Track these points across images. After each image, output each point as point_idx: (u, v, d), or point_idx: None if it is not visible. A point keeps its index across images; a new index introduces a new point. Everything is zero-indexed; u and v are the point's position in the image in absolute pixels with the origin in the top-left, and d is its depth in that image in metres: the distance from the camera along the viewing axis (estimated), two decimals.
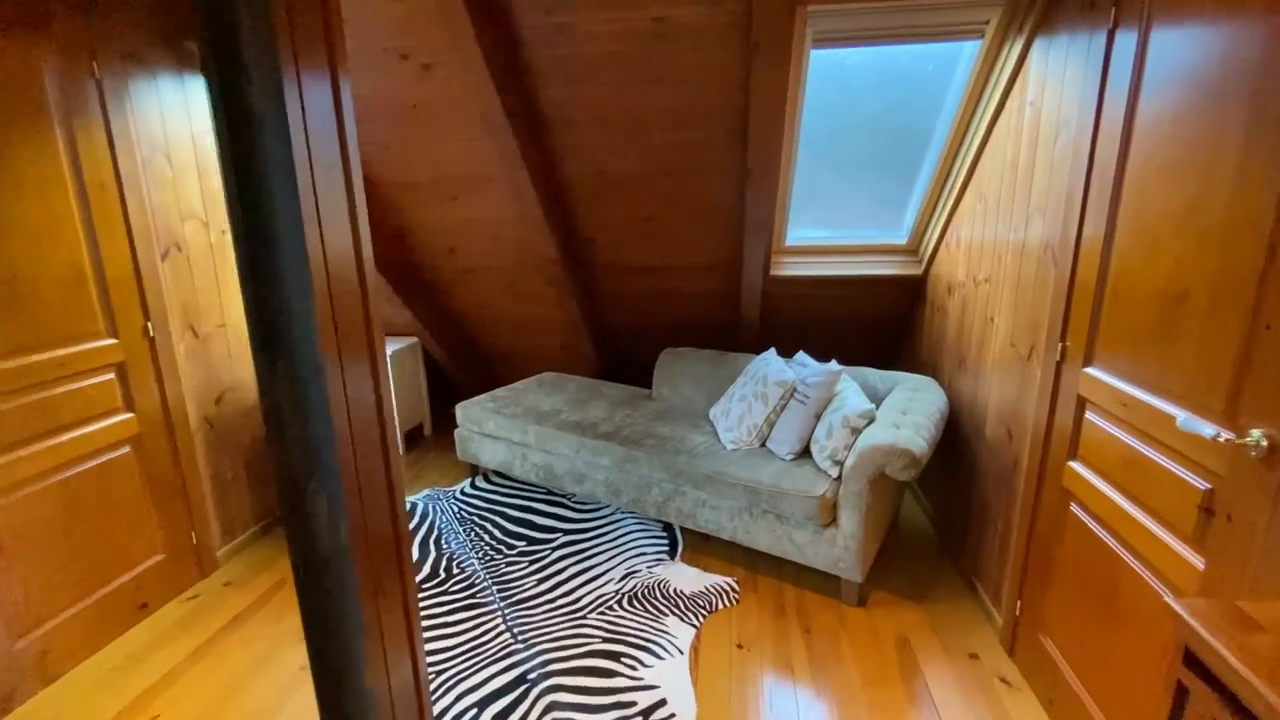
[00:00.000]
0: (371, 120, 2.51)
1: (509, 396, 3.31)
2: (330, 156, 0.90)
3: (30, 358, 1.88)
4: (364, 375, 0.99)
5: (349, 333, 0.95)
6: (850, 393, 2.46)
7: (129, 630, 2.22)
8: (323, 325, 0.88)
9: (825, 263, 3.03)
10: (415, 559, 2.63)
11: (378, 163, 2.72)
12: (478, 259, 3.21)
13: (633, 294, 3.30)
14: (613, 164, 2.56)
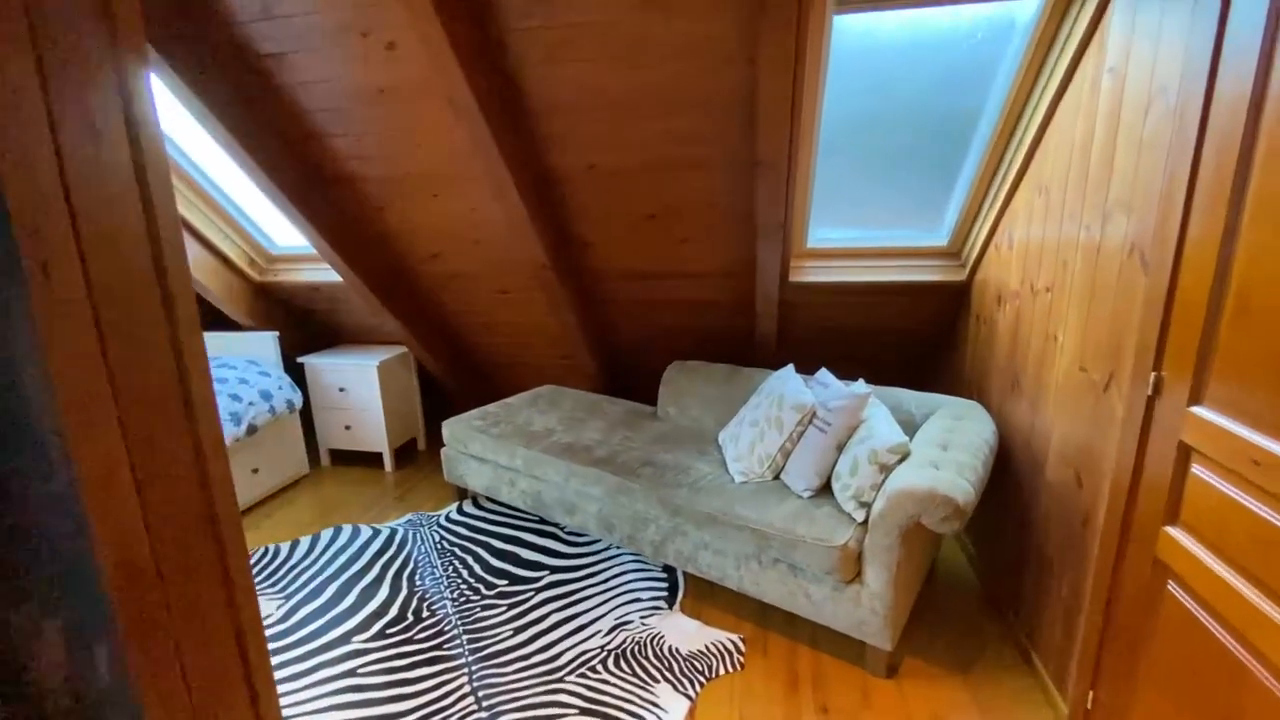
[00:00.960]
0: (339, 108, 2.25)
1: (499, 413, 3.02)
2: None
3: None
4: (175, 436, 0.69)
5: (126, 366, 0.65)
6: (879, 420, 2.10)
7: None
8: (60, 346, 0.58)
9: (852, 268, 2.67)
10: (384, 598, 2.35)
11: (352, 156, 2.46)
12: (464, 263, 2.93)
13: (636, 302, 2.98)
14: (605, 156, 2.25)
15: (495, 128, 2.02)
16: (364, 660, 2.03)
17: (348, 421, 3.52)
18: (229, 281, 3.26)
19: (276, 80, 2.17)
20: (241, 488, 3.04)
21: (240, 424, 2.98)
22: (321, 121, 2.32)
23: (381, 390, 3.40)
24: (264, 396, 3.14)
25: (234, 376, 3.10)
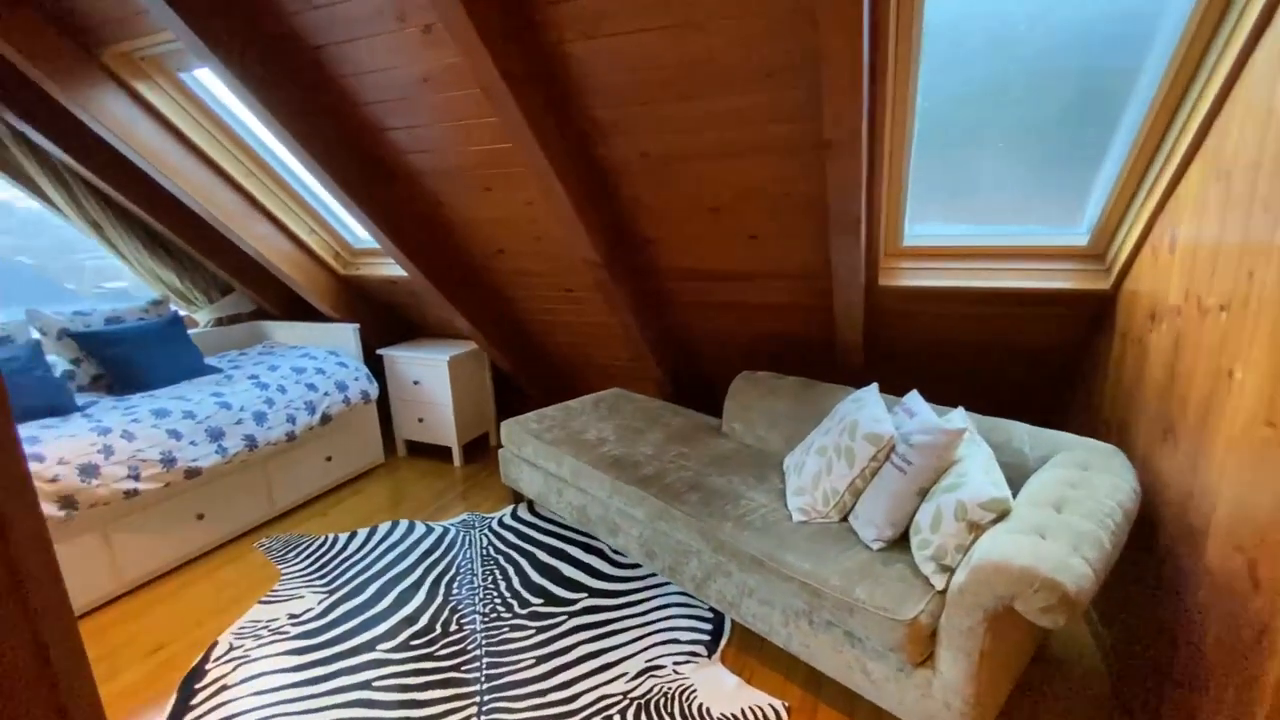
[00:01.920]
0: (391, 100, 2.19)
1: (557, 417, 2.88)
2: None
3: None
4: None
5: None
6: (975, 463, 1.69)
7: None
8: None
9: (961, 270, 2.22)
10: (418, 604, 2.29)
11: (409, 150, 2.41)
12: (527, 260, 2.82)
13: (702, 305, 2.71)
14: (657, 142, 2.00)
15: (531, 115, 1.85)
16: (382, 672, 1.96)
17: (421, 414, 3.56)
18: (314, 274, 3.39)
19: (329, 73, 2.15)
20: (314, 475, 3.15)
21: (314, 413, 3.07)
22: (378, 115, 2.28)
23: (452, 385, 3.40)
24: (339, 387, 3.23)
25: (312, 366, 3.21)
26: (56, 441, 2.24)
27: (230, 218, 2.93)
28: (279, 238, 3.18)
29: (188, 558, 2.63)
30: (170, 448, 2.49)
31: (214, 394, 2.79)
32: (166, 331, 3.05)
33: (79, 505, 2.23)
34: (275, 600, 2.35)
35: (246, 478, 2.84)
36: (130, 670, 2.03)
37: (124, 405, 2.62)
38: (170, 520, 2.55)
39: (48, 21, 2.21)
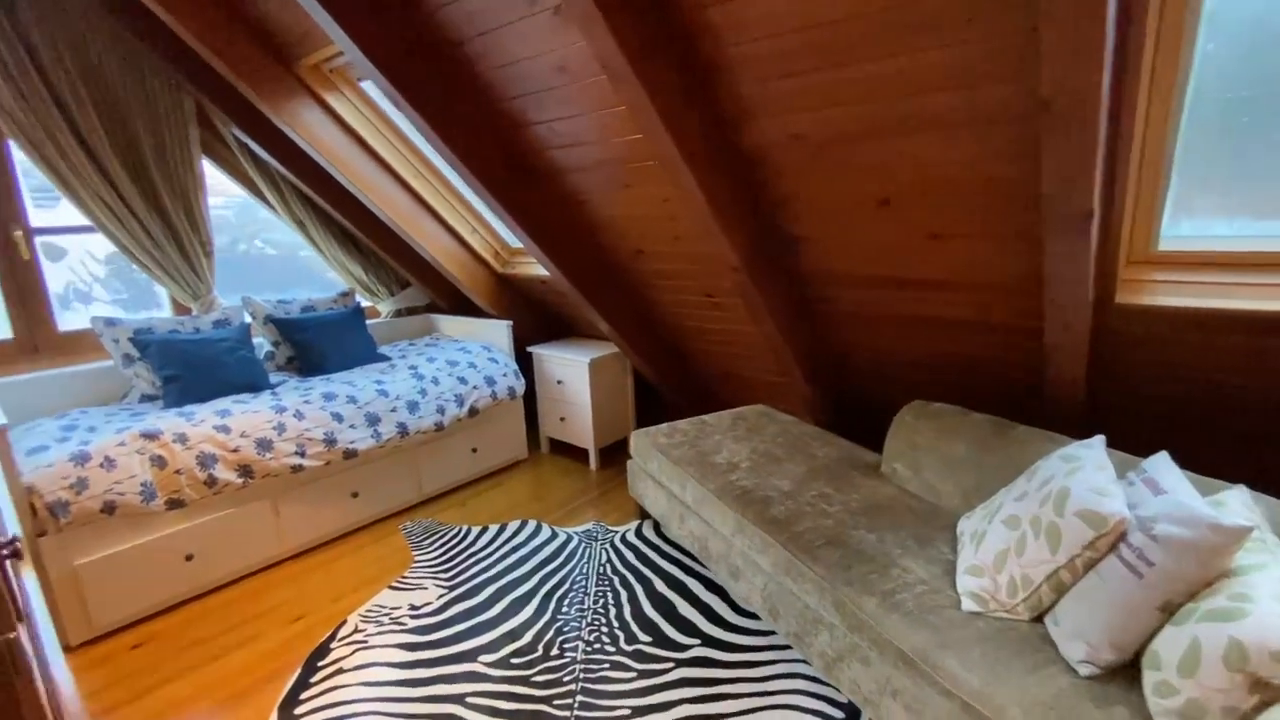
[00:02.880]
0: (530, 93, 2.10)
1: (689, 433, 2.63)
2: None
3: None
4: None
5: None
6: (1267, 583, 1.12)
7: None
8: None
9: (1243, 286, 1.56)
10: (526, 618, 2.20)
11: (550, 146, 2.32)
12: (666, 261, 2.60)
13: (867, 318, 2.28)
14: (813, 120, 1.65)
15: (659, 97, 1.61)
16: (477, 688, 1.88)
17: (562, 413, 3.54)
18: (475, 272, 3.51)
19: (471, 70, 2.12)
20: (460, 465, 3.26)
21: (463, 405, 3.17)
22: (519, 110, 2.21)
23: (591, 387, 3.32)
24: (488, 381, 3.31)
25: (465, 360, 3.33)
26: (242, 416, 2.51)
27: (401, 217, 3.12)
28: (444, 236, 3.33)
29: (341, 532, 2.84)
30: (333, 429, 2.70)
31: (376, 381, 2.99)
32: (349, 321, 3.35)
33: (254, 475, 2.48)
34: (403, 588, 2.42)
35: (398, 462, 3.00)
36: (271, 636, 2.19)
37: (304, 386, 2.90)
38: (329, 495, 2.76)
39: (254, 42, 2.47)
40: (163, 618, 2.30)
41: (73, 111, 2.57)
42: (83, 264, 2.96)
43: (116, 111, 2.70)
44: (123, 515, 2.19)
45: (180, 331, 2.81)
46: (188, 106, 2.92)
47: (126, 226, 2.79)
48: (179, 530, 2.33)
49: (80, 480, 2.11)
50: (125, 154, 2.75)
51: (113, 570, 2.19)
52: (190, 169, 2.97)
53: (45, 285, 2.75)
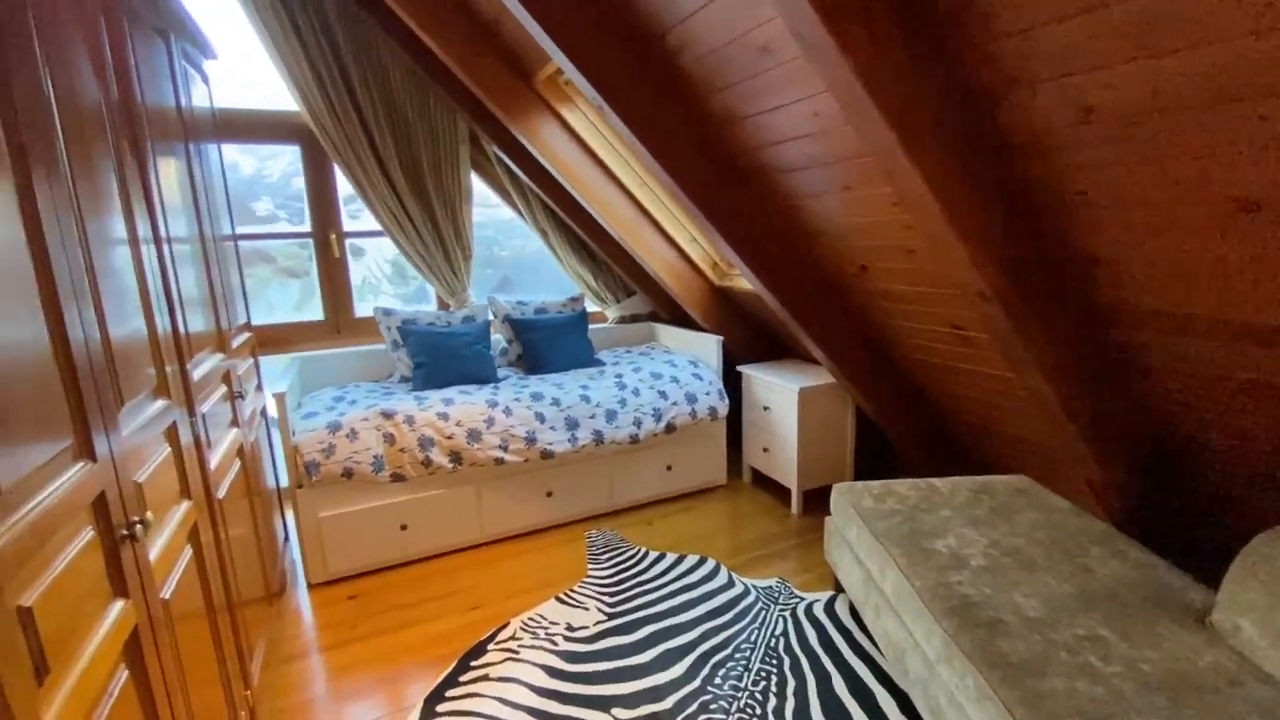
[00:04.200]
0: (735, 85, 1.83)
1: (908, 498, 2.09)
2: None
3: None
4: None
5: None
6: None
7: None
8: None
9: None
10: (674, 677, 1.95)
11: (760, 145, 2.02)
12: (896, 280, 2.09)
13: (1204, 381, 1.49)
14: (1114, 83, 1.07)
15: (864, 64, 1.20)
16: None
17: (766, 443, 3.19)
18: (690, 282, 3.36)
19: (677, 63, 1.92)
20: (653, 481, 3.15)
21: (660, 420, 3.05)
22: (727, 105, 1.96)
23: (800, 419, 2.91)
24: (689, 399, 3.13)
25: (669, 373, 3.20)
26: (462, 406, 2.74)
27: (622, 226, 3.11)
28: (663, 246, 3.25)
29: (534, 528, 2.93)
30: (534, 429, 2.79)
31: (582, 386, 3.03)
32: (573, 325, 3.49)
33: (463, 462, 2.68)
34: (568, 602, 2.37)
35: (592, 469, 3.00)
36: (449, 619, 2.32)
37: (520, 384, 3.07)
38: (526, 491, 2.87)
39: (501, 59, 2.65)
40: (375, 576, 2.62)
41: (374, 136, 3.09)
42: (375, 263, 3.59)
43: (405, 134, 3.18)
44: (357, 481, 2.54)
45: (435, 325, 3.20)
46: (462, 128, 3.31)
47: (405, 233, 3.27)
48: (398, 502, 2.62)
49: (330, 446, 2.49)
50: (409, 171, 3.22)
51: (345, 526, 2.55)
52: (458, 184, 3.37)
53: (349, 279, 3.39)
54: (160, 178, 1.48)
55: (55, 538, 0.82)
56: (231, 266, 2.25)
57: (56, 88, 0.99)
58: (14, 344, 0.78)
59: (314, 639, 2.24)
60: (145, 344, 1.26)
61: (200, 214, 1.88)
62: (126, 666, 0.98)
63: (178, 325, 1.45)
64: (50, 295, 0.88)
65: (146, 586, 1.07)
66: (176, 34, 1.81)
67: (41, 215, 0.87)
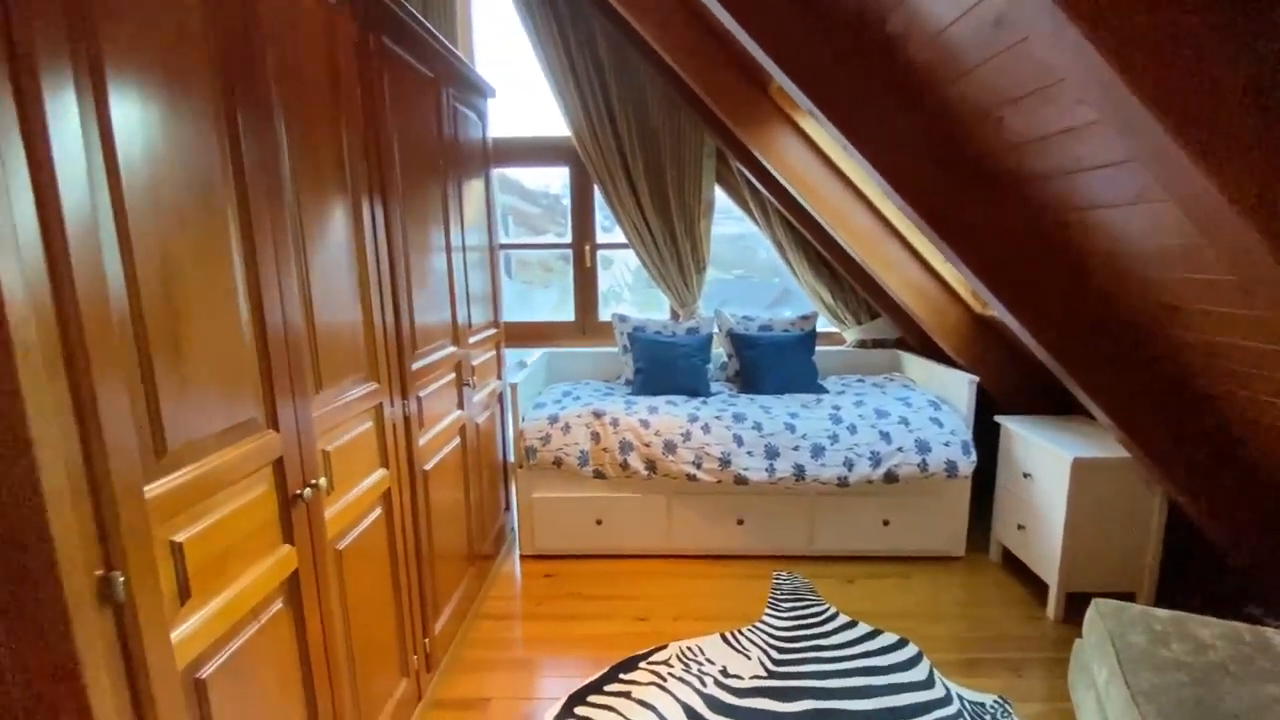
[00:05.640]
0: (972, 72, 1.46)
1: (1216, 648, 1.43)
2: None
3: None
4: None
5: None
6: None
7: None
8: None
9: None
10: None
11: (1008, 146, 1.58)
12: (1225, 329, 1.43)
13: None
14: None
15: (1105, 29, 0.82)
16: None
17: (1022, 519, 2.52)
18: (944, 308, 2.83)
19: (899, 53, 1.62)
20: (863, 533, 2.76)
21: (878, 466, 2.65)
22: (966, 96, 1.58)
23: (1071, 498, 2.23)
24: (919, 446, 2.65)
25: (899, 412, 2.75)
26: (664, 416, 2.78)
27: (858, 239, 2.78)
28: (910, 264, 2.81)
29: (720, 553, 2.82)
30: (730, 451, 2.69)
31: (790, 414, 2.81)
32: (797, 345, 3.26)
33: (657, 472, 2.72)
34: (731, 644, 2.22)
35: (790, 505, 2.76)
36: (617, 622, 2.37)
37: (728, 402, 2.98)
38: (716, 513, 2.78)
39: (735, 70, 2.58)
40: (570, 561, 2.82)
41: (627, 156, 3.31)
42: (621, 272, 3.86)
43: (654, 154, 3.34)
44: (565, 471, 2.76)
45: (661, 334, 3.31)
46: (708, 145, 3.35)
47: (646, 245, 3.45)
48: (597, 497, 2.78)
49: (547, 435, 2.76)
50: (654, 188, 3.38)
51: (552, 510, 2.81)
52: (699, 198, 3.42)
53: (597, 285, 3.71)
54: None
55: (225, 491, 1.05)
56: (484, 271, 2.64)
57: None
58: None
59: (508, 605, 2.52)
60: (360, 335, 1.54)
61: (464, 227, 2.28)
62: (284, 602, 1.20)
63: (400, 320, 1.75)
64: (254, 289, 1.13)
65: (315, 537, 1.30)
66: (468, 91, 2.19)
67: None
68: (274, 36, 1.19)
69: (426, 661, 1.93)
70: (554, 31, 3.14)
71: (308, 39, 1.32)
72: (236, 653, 1.06)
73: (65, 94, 0.76)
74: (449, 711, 1.93)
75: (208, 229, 1.01)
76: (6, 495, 0.72)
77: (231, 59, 1.07)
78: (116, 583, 0.82)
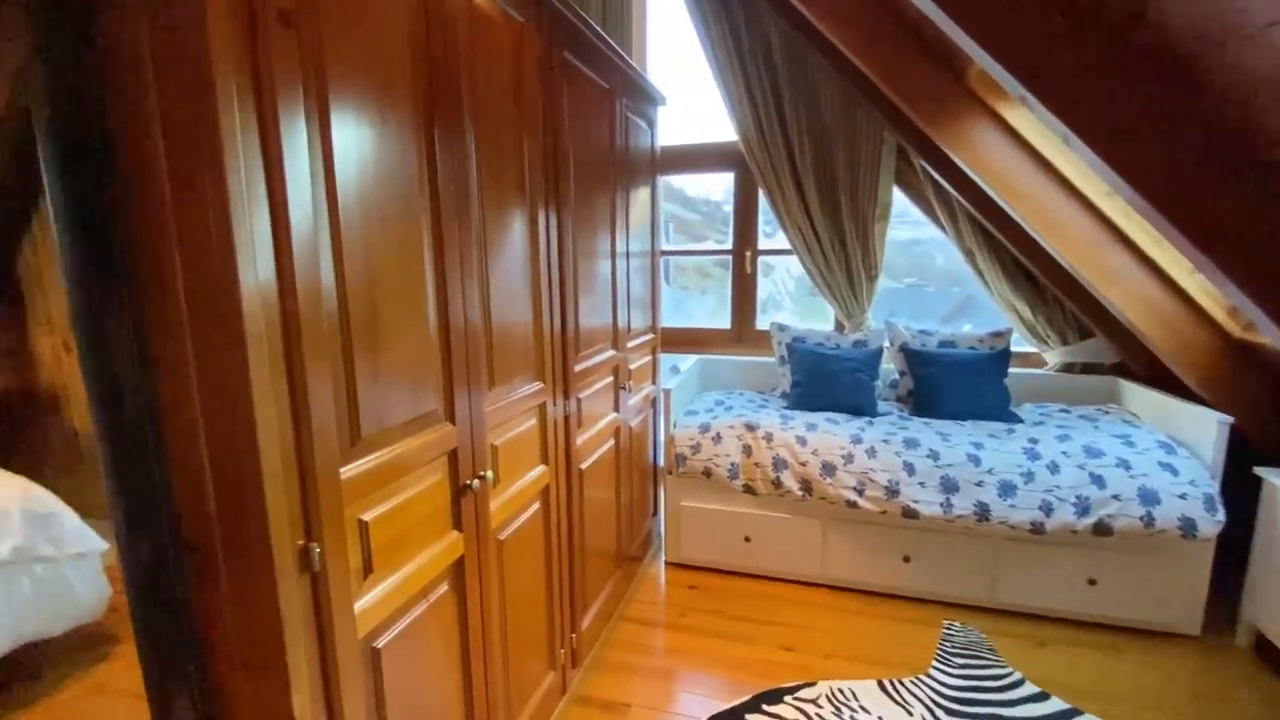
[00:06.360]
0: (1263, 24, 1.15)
1: None
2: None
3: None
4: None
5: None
6: None
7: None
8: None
9: None
10: None
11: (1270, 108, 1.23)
12: None
13: None
14: None
15: None
16: None
17: None
18: (1184, 331, 2.32)
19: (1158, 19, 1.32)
20: (1060, 590, 2.34)
21: (1086, 514, 2.24)
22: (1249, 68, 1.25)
23: None
24: (1144, 496, 2.20)
25: (1117, 452, 2.30)
26: (823, 434, 2.60)
27: (1072, 246, 2.38)
28: (1139, 275, 2.34)
29: (881, 590, 2.57)
30: (898, 479, 2.44)
31: (974, 444, 2.48)
32: (986, 366, 2.88)
33: (813, 493, 2.55)
34: (889, 694, 2.01)
35: (968, 547, 2.44)
36: (760, 648, 2.26)
37: (898, 424, 2.72)
38: (878, 546, 2.54)
39: (924, 58, 2.33)
40: (715, 575, 2.75)
41: (795, 157, 3.17)
42: (782, 280, 3.70)
43: (825, 154, 3.16)
44: (714, 482, 2.70)
45: (824, 345, 3.13)
46: (889, 142, 3.10)
47: (811, 251, 3.27)
48: (746, 513, 2.68)
49: (697, 444, 2.72)
50: (824, 190, 3.19)
51: (699, 520, 2.76)
52: (873, 200, 3.17)
53: (755, 293, 3.60)
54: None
55: (406, 476, 1.14)
56: (645, 277, 2.66)
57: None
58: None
59: (652, 611, 2.51)
60: (531, 336, 1.61)
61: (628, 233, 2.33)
62: (449, 585, 1.29)
63: (566, 323, 1.81)
64: (441, 291, 1.21)
65: (481, 526, 1.38)
66: (640, 100, 2.23)
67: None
68: (469, 58, 1.28)
69: (573, 657, 1.98)
70: (726, 34, 3.09)
71: (497, 57, 1.40)
72: (407, 628, 1.15)
73: (297, 123, 0.86)
74: (591, 710, 1.96)
75: (405, 236, 1.11)
76: (233, 470, 0.83)
77: (433, 82, 1.16)
78: (314, 553, 0.92)
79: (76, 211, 0.82)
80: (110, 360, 0.86)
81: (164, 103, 0.76)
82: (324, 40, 0.90)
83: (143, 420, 0.86)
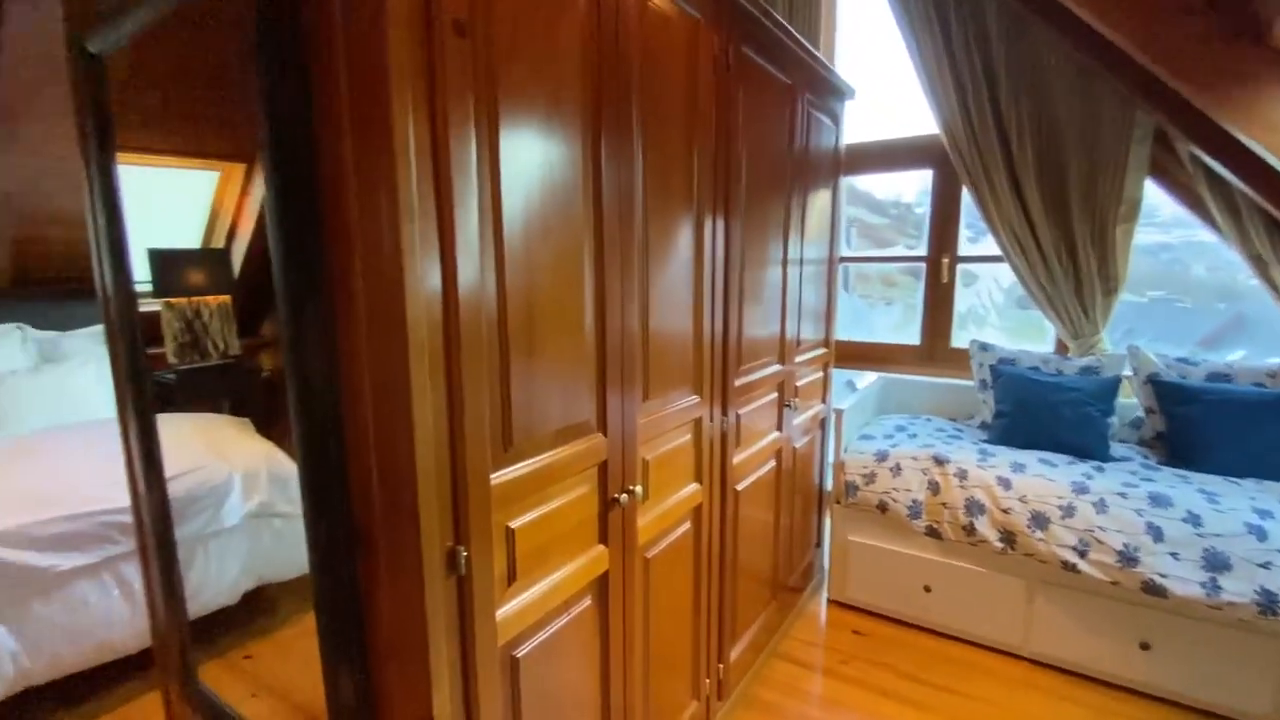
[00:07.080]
0: None
1: None
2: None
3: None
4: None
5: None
6: None
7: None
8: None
9: None
10: None
11: None
12: None
13: None
14: None
15: None
16: None
17: None
18: None
19: None
20: None
21: None
22: None
23: None
24: None
25: None
26: (1034, 477, 2.18)
27: None
28: None
29: (1104, 677, 2.08)
30: (1139, 544, 1.96)
31: (1258, 510, 1.91)
32: (1276, 407, 2.22)
33: (1016, 547, 2.15)
34: None
35: (1242, 644, 1.87)
36: (934, 717, 1.94)
37: (1141, 474, 2.19)
38: (1104, 624, 2.06)
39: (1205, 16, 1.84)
40: (886, 623, 2.44)
41: (1012, 147, 2.72)
42: (987, 291, 3.20)
43: (1052, 142, 2.67)
44: (890, 518, 2.41)
45: (1040, 370, 2.66)
46: (1143, 126, 2.53)
47: (1029, 258, 2.79)
48: (927, 559, 2.35)
49: (872, 474, 2.45)
50: (1047, 186, 2.70)
51: (870, 559, 2.47)
52: (1117, 196, 2.61)
53: (953, 306, 3.16)
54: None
55: (555, 486, 1.12)
56: (820, 286, 2.46)
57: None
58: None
59: (809, 652, 2.30)
60: (689, 348, 1.54)
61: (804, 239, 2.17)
62: (592, 599, 1.25)
63: (729, 334, 1.71)
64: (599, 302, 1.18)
65: (628, 542, 1.33)
66: (826, 95, 2.07)
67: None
68: (640, 61, 1.24)
69: (719, 689, 1.86)
70: (930, 14, 2.75)
71: (669, 57, 1.35)
72: (547, 640, 1.13)
73: (468, 132, 0.87)
74: None
75: (566, 246, 1.09)
76: (391, 469, 0.86)
77: (602, 88, 1.13)
78: (460, 556, 0.92)
79: (283, 215, 0.90)
80: (305, 357, 0.94)
81: (352, 113, 0.81)
82: (496, 48, 0.91)
83: (330, 412, 0.93)
